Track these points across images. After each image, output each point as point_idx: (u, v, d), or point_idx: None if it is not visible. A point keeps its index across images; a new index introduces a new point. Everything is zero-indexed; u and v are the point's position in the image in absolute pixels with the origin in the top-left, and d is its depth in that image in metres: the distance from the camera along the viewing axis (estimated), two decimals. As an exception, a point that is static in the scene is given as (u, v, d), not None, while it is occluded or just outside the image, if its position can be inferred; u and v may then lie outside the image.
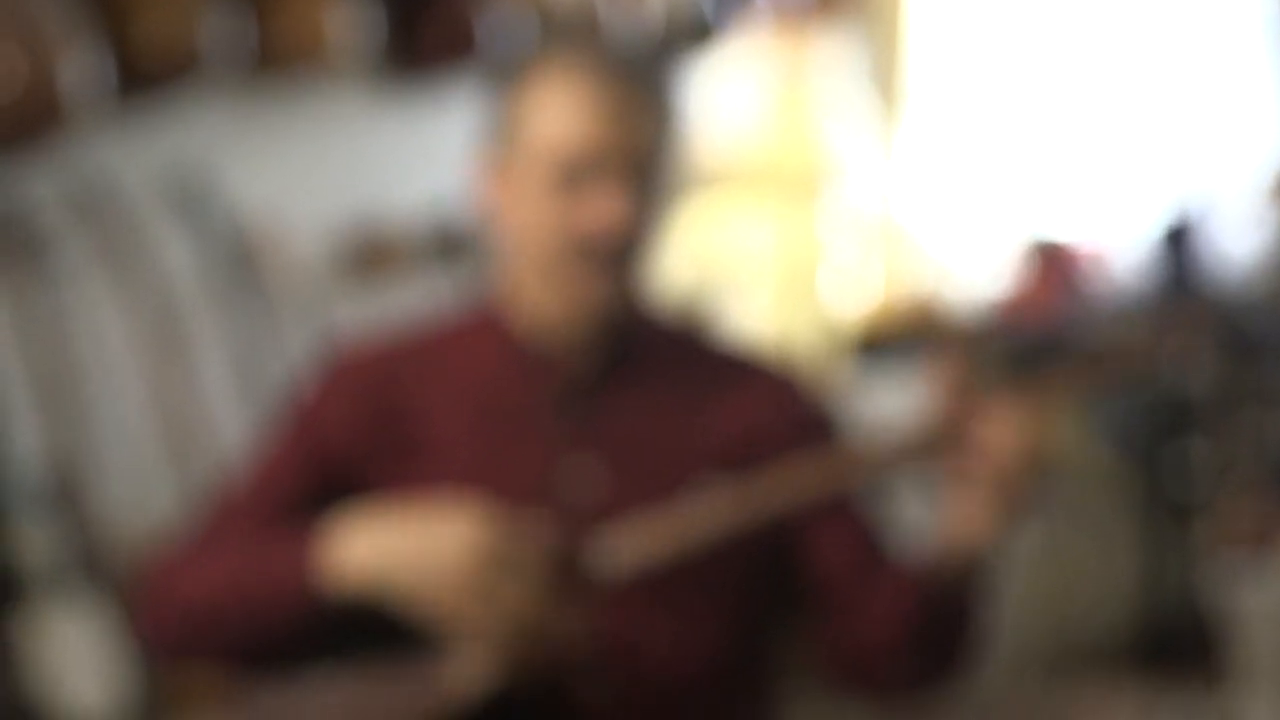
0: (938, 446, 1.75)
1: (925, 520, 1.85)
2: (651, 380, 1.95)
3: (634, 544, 1.77)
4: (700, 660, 1.89)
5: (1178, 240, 3.49)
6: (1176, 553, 4.68)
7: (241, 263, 3.29)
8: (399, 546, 1.76)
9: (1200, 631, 4.41)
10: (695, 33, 4.38)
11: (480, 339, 1.97)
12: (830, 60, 5.24)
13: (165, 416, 3.00)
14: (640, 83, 1.88)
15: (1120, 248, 5.15)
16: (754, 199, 4.80)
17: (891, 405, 4.74)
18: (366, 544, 1.77)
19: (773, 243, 5.03)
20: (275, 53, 3.20)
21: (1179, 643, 3.54)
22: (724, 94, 4.90)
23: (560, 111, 1.85)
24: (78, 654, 2.67)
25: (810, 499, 1.79)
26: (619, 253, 1.87)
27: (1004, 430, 1.73)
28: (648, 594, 1.85)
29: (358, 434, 1.91)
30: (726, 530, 1.78)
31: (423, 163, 3.74)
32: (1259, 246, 5.03)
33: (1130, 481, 4.71)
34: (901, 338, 5.22)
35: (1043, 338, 5.08)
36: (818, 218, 5.02)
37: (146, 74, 2.89)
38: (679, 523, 1.78)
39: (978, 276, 5.35)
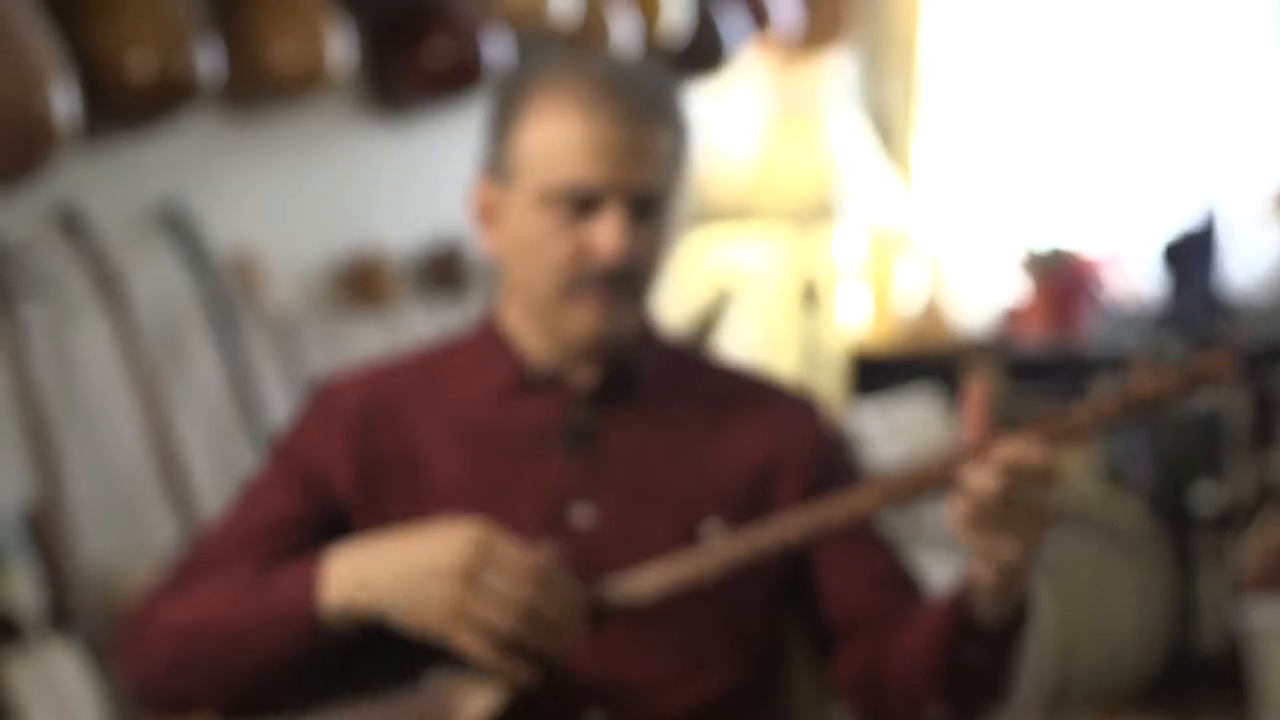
0: (957, 476, 1.65)
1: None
2: (664, 408, 1.91)
3: (646, 576, 1.72)
4: (711, 691, 1.84)
5: (1188, 250, 3.42)
6: (1199, 589, 4.61)
7: (232, 292, 3.26)
8: (396, 551, 1.71)
9: (1223, 669, 4.34)
10: (701, 59, 4.36)
11: (481, 367, 1.92)
12: (834, 84, 5.22)
13: (154, 449, 2.95)
14: (647, 110, 1.83)
15: (1132, 258, 5.10)
16: (758, 223, 4.78)
17: (899, 424, 4.71)
18: (364, 556, 1.72)
19: (778, 266, 5.00)
20: (266, 79, 3.18)
21: (1200, 681, 3.47)
22: (728, 119, 4.87)
23: (565, 140, 1.80)
24: (61, 699, 2.61)
25: (827, 531, 1.71)
26: (626, 281, 1.83)
27: (1023, 462, 1.63)
28: (658, 625, 1.81)
29: (346, 460, 1.86)
30: (739, 564, 1.70)
31: (421, 189, 3.72)
32: (1267, 255, 5.00)
33: (1152, 516, 4.65)
34: (911, 356, 5.19)
35: (1054, 351, 5.04)
36: (823, 241, 4.99)
37: (134, 101, 2.84)
38: (694, 556, 1.71)
39: (989, 292, 5.31)
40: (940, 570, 2.09)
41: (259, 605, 1.73)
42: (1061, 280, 5.09)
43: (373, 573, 1.69)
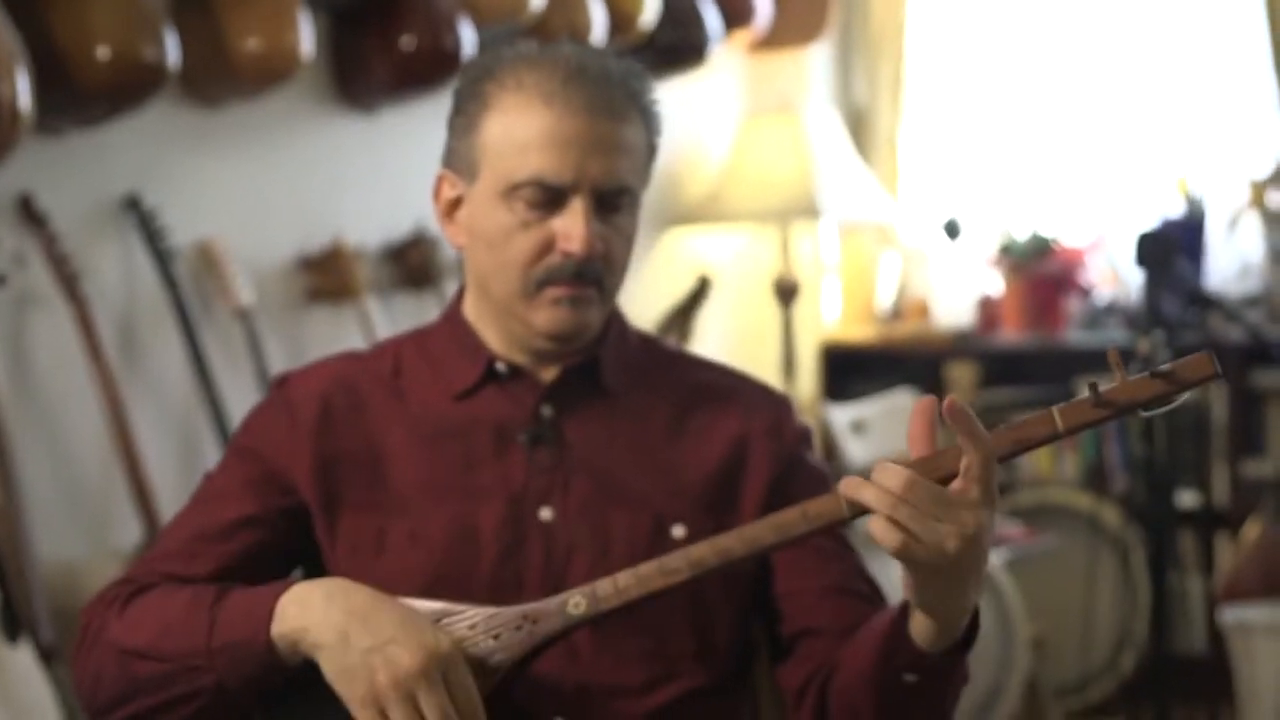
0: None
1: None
2: (630, 404, 1.87)
3: (610, 584, 1.65)
4: (677, 697, 1.79)
5: (1163, 242, 3.38)
6: (1181, 589, 4.59)
7: (196, 284, 3.21)
8: (360, 611, 1.61)
9: (1202, 671, 4.32)
10: (678, 55, 4.34)
11: (445, 363, 1.88)
12: (812, 79, 5.20)
13: (116, 445, 2.92)
14: (613, 101, 1.79)
15: (1113, 248, 5.07)
16: (735, 220, 4.75)
17: (876, 420, 4.68)
18: (328, 598, 1.63)
19: (755, 263, 4.98)
20: (233, 70, 3.15)
21: (1179, 682, 3.45)
22: (705, 115, 4.85)
23: (528, 133, 1.76)
24: (19, 705, 2.56)
25: (791, 541, 1.65)
26: (592, 276, 1.79)
27: (978, 477, 1.55)
28: (624, 631, 1.77)
29: (306, 457, 1.81)
30: (703, 572, 1.65)
31: (390, 181, 3.69)
32: (1246, 247, 4.97)
33: (1133, 516, 4.64)
34: (889, 352, 5.17)
35: (1033, 345, 5.02)
36: (801, 237, 4.98)
37: (98, 91, 2.81)
38: (658, 564, 1.66)
39: (968, 286, 5.29)
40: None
41: (212, 630, 1.66)
42: (1041, 272, 5.06)
43: (334, 614, 1.61)
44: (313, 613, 1.62)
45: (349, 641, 1.59)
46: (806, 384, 5.10)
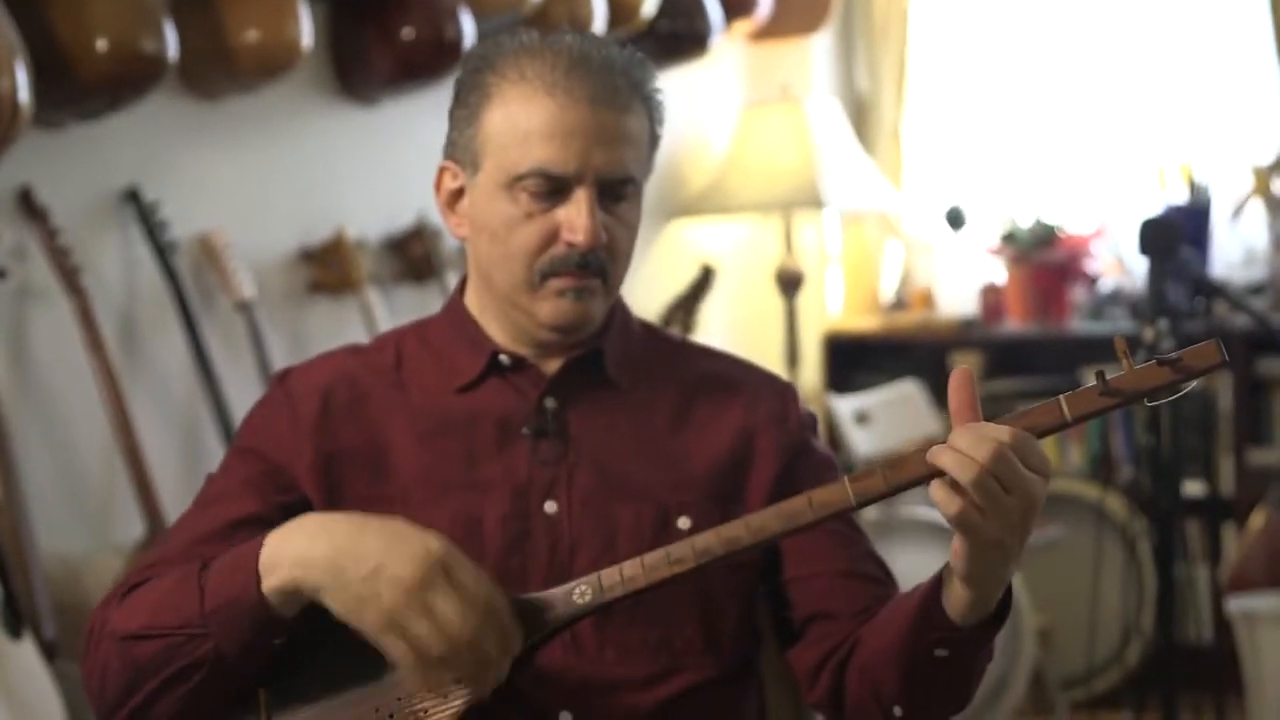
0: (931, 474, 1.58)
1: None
2: (634, 396, 1.86)
3: (615, 573, 1.64)
4: (685, 688, 1.78)
5: (1168, 228, 3.35)
6: (1188, 579, 4.58)
7: (196, 276, 3.22)
8: (350, 538, 1.58)
9: (1208, 660, 4.30)
10: (680, 45, 4.33)
11: (447, 355, 1.87)
12: (815, 69, 5.18)
13: (118, 439, 2.90)
14: (616, 91, 1.77)
15: (1118, 235, 5.06)
16: (737, 210, 4.74)
17: (881, 409, 4.67)
18: (315, 532, 1.60)
19: (758, 253, 4.97)
20: (233, 62, 3.14)
21: (1185, 672, 3.43)
22: (708, 105, 4.84)
23: (531, 124, 1.75)
24: (22, 701, 2.55)
25: (798, 529, 1.64)
26: (596, 266, 1.78)
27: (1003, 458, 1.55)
28: (631, 623, 1.76)
29: (307, 452, 1.80)
30: (710, 561, 1.64)
31: (391, 173, 3.67)
32: (1248, 237, 4.96)
33: (1139, 505, 4.62)
34: (894, 341, 5.16)
35: (1038, 333, 5.00)
36: (804, 227, 4.97)
37: (98, 83, 2.80)
38: (660, 554, 1.64)
39: (972, 274, 5.27)
40: (916, 563, 2.03)
41: (203, 596, 1.63)
42: (1045, 260, 5.04)
43: (322, 552, 1.58)
44: (302, 558, 1.59)
45: (345, 575, 1.56)
46: (810, 375, 5.09)
